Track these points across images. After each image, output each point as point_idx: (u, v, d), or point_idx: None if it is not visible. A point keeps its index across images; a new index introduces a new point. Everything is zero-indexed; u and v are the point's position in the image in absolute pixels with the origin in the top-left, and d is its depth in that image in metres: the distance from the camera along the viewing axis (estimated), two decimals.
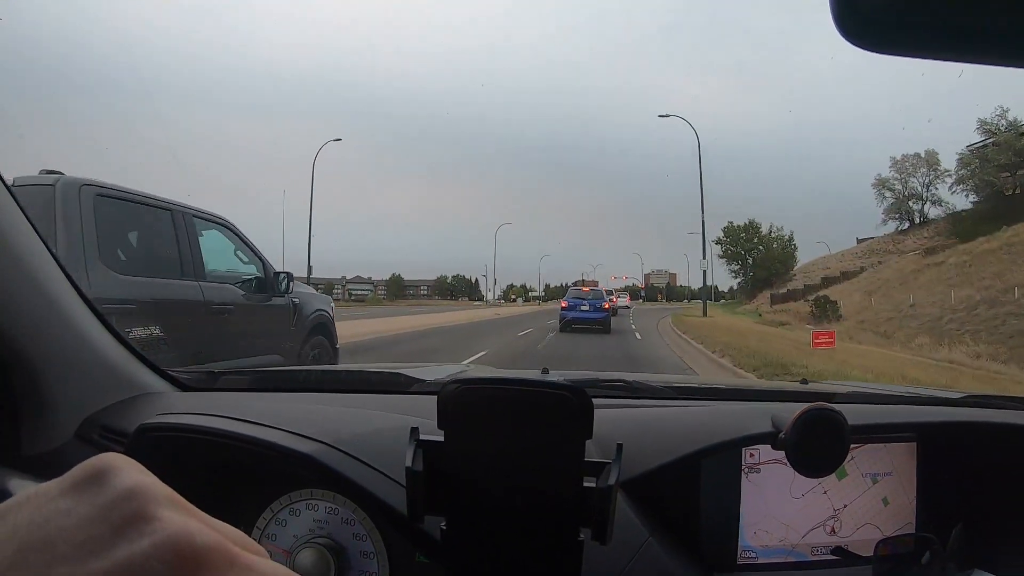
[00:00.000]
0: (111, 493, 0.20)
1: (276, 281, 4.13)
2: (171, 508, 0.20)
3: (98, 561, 0.18)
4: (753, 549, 0.81)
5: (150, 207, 3.37)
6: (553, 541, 0.54)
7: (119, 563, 0.18)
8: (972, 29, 0.34)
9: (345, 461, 0.72)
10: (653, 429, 0.83)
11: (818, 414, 0.66)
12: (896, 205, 38.15)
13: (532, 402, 0.52)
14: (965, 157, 31.69)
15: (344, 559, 0.76)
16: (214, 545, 0.20)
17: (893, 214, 38.38)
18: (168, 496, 0.21)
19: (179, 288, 3.36)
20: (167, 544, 0.19)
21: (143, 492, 0.20)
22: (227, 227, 3.99)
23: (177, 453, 0.77)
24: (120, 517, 0.19)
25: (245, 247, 4.07)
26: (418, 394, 1.02)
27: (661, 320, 21.68)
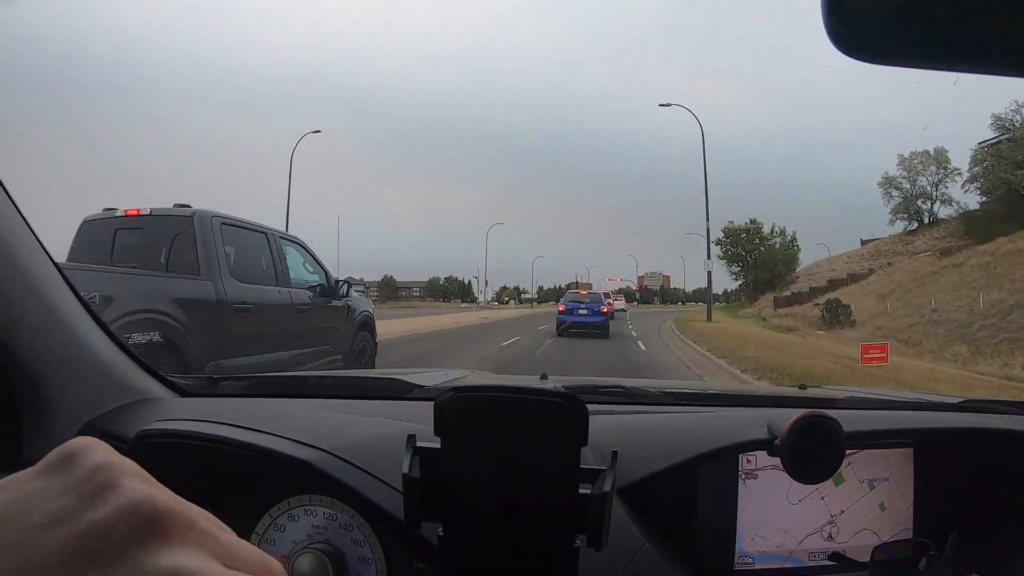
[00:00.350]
0: (81, 470, 0.21)
1: (336, 287, 5.17)
2: (137, 479, 0.22)
3: (67, 527, 0.20)
4: (750, 555, 0.82)
5: (251, 231, 4.38)
6: (549, 548, 0.55)
7: (86, 527, 0.20)
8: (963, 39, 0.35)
9: (343, 468, 0.73)
10: (650, 435, 0.84)
11: (813, 421, 0.67)
12: (904, 204, 36.54)
13: (527, 409, 0.53)
14: (979, 154, 30.04)
15: (342, 565, 0.76)
16: (176, 509, 0.21)
17: (901, 214, 36.84)
18: (135, 470, 0.22)
19: (274, 293, 4.33)
20: (130, 508, 0.20)
21: (111, 466, 0.22)
22: (300, 244, 5.02)
23: (176, 459, 0.78)
24: (89, 489, 0.21)
25: (312, 260, 5.08)
26: (417, 400, 1.03)
27: (662, 324, 20.90)
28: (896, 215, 37.48)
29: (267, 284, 4.34)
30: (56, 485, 0.21)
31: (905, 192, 36.99)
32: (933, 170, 36.46)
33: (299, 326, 4.55)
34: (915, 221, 37.27)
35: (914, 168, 36.90)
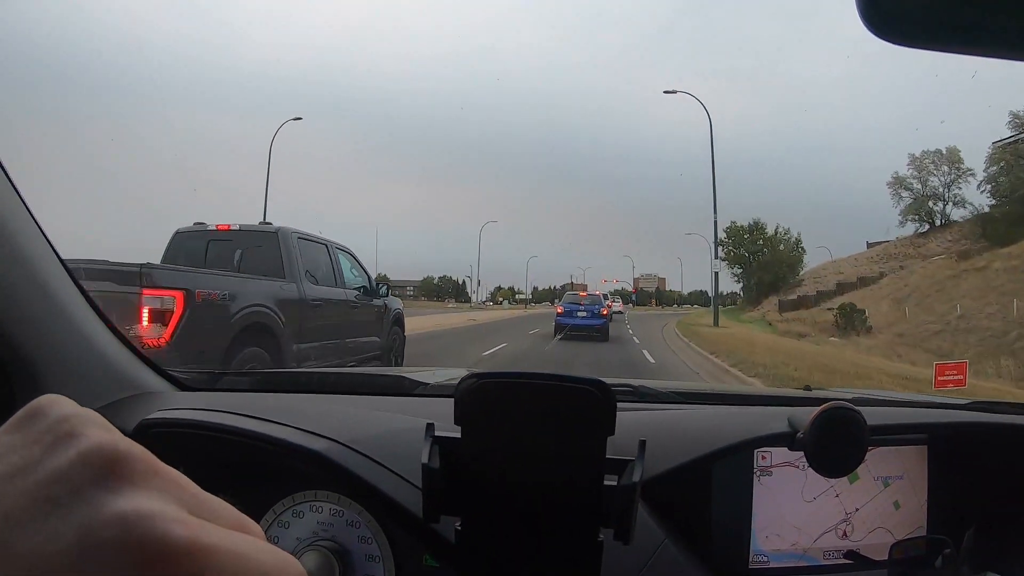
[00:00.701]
0: (46, 421, 0.22)
1: (377, 288, 6.17)
2: (100, 428, 0.22)
3: (29, 476, 0.20)
4: (765, 553, 0.82)
5: (316, 242, 5.33)
6: (572, 541, 0.53)
7: (47, 475, 0.20)
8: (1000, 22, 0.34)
9: (357, 460, 0.71)
10: (665, 432, 0.83)
11: (837, 414, 0.67)
12: (915, 205, 35.08)
13: (554, 397, 0.51)
14: (996, 153, 28.46)
15: (349, 562, 0.75)
16: (139, 455, 0.21)
17: (912, 215, 35.22)
18: (100, 420, 0.22)
19: (335, 292, 5.32)
20: (91, 452, 0.20)
21: (75, 416, 0.22)
22: (349, 252, 5.95)
23: (176, 451, 0.75)
24: (52, 439, 0.21)
25: (358, 265, 6.06)
26: (423, 396, 1.03)
27: (665, 328, 19.98)
28: (906, 216, 36.04)
29: (329, 285, 5.29)
30: (20, 438, 0.21)
31: (916, 193, 35.57)
32: (945, 170, 35.00)
33: (351, 319, 5.54)
34: (926, 223, 35.68)
35: (925, 168, 35.51)
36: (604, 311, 15.01)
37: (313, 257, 5.23)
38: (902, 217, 36.22)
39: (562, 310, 15.18)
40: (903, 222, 36.27)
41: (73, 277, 0.86)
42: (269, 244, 4.80)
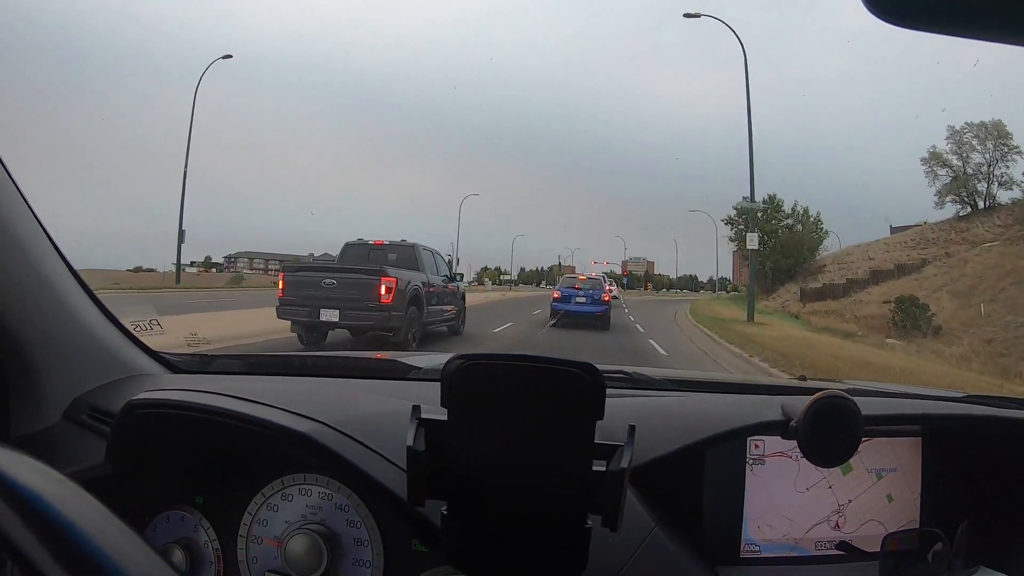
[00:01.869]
0: None
1: (453, 276, 10.04)
2: None
3: None
4: (756, 543, 0.83)
5: (426, 249, 9.07)
6: (560, 527, 0.53)
7: None
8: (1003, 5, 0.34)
9: (343, 442, 0.72)
10: (658, 418, 0.84)
11: (832, 402, 0.67)
12: (954, 185, 30.08)
13: (542, 379, 0.51)
14: None
15: (337, 546, 0.76)
16: None
17: (951, 196, 30.26)
18: None
19: (438, 278, 8.99)
20: None
21: None
22: (436, 252, 9.54)
23: (165, 433, 0.78)
24: None
25: (443, 262, 9.78)
26: (416, 380, 1.05)
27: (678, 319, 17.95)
28: (944, 197, 30.95)
29: (435, 274, 8.95)
30: None
31: (956, 170, 30.51)
32: (990, 146, 29.87)
33: (445, 294, 9.23)
34: (967, 205, 30.81)
35: (966, 143, 30.54)
36: (605, 296, 14.14)
37: (428, 258, 9.03)
38: (939, 198, 31.32)
39: (559, 294, 14.36)
40: (940, 203, 31.39)
41: (65, 260, 0.87)
42: (408, 252, 8.75)
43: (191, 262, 78.79)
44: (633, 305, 27.58)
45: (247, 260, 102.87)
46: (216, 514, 0.81)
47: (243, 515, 0.79)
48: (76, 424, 0.85)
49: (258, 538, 0.79)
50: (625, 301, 30.23)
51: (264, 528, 0.79)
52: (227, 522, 0.81)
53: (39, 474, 0.37)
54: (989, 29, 0.34)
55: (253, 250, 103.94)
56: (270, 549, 0.78)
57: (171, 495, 0.82)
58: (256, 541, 0.79)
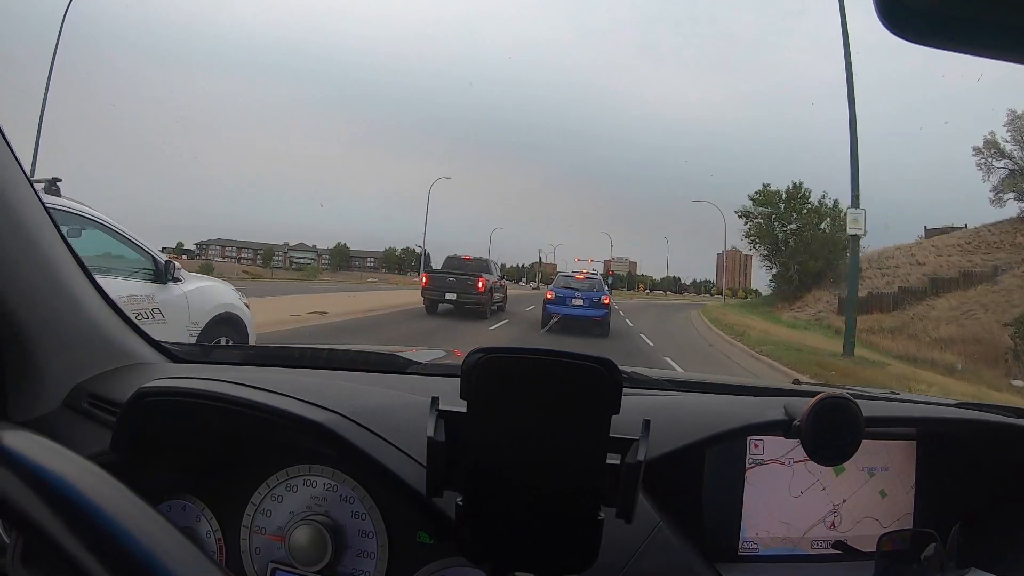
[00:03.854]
0: None
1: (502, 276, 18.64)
2: None
3: None
4: (754, 542, 0.86)
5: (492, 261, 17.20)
6: (573, 519, 0.54)
7: None
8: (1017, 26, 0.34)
9: (359, 432, 0.73)
10: (660, 415, 0.83)
11: (835, 402, 0.70)
12: (1017, 179, 24.53)
13: (561, 373, 0.52)
14: None
15: (341, 537, 0.77)
16: None
17: (1012, 190, 24.71)
18: None
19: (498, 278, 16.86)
20: None
21: None
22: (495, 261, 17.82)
23: (172, 421, 0.79)
24: None
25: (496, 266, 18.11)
26: (414, 375, 1.06)
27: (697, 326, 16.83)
28: (1003, 192, 25.37)
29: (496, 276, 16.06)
30: None
31: (1018, 161, 24.99)
32: None
33: (499, 288, 15.92)
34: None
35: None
36: (606, 299, 12.74)
37: (492, 266, 16.09)
38: (995, 193, 25.83)
39: (552, 295, 12.96)
40: (998, 199, 25.88)
41: (70, 247, 0.88)
42: (483, 262, 15.31)
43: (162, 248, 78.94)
44: (631, 311, 21.67)
45: (219, 247, 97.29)
46: (219, 504, 0.82)
47: (246, 505, 0.80)
48: (76, 411, 0.85)
49: (261, 529, 0.80)
50: (619, 304, 24.49)
51: (268, 519, 0.80)
52: (230, 513, 0.81)
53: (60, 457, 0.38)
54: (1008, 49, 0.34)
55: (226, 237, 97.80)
56: (274, 540, 0.79)
57: (173, 485, 0.83)
58: (259, 532, 0.80)
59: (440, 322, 12.76)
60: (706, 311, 25.45)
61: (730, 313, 24.09)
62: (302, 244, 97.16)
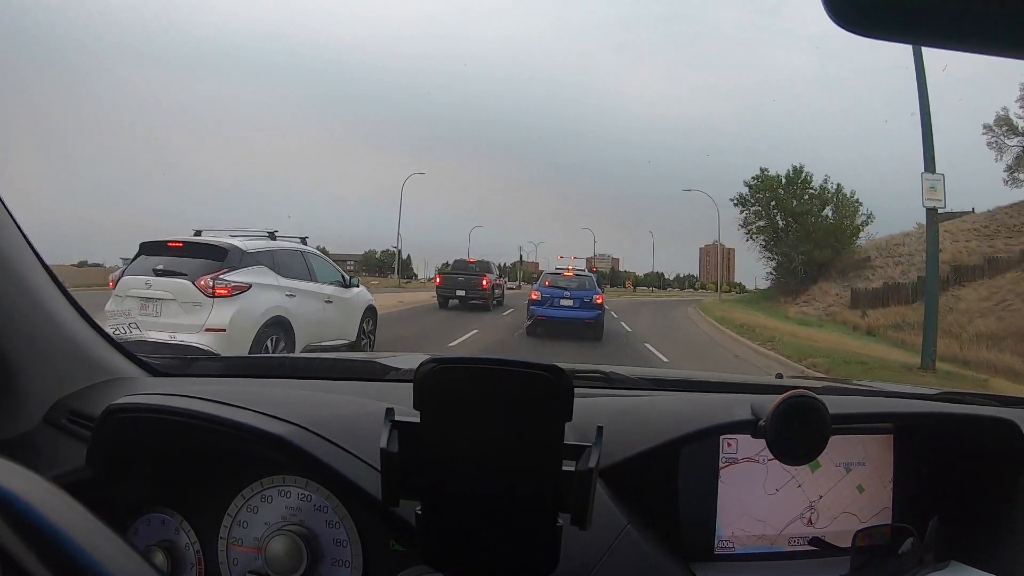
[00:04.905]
0: None
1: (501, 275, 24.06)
2: None
3: None
4: (730, 540, 0.86)
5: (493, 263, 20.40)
6: (531, 526, 0.55)
7: None
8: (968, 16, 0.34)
9: (319, 444, 0.74)
10: (632, 417, 0.87)
11: (798, 402, 0.69)
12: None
13: (511, 382, 0.53)
14: None
15: (317, 547, 0.78)
16: None
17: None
18: None
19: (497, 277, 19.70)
20: None
21: None
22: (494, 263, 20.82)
23: (145, 437, 0.81)
24: None
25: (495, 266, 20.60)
26: (393, 381, 1.07)
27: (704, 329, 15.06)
28: (1017, 171, 23.33)
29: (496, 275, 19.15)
30: None
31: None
32: None
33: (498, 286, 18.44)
34: None
35: None
36: (598, 299, 11.14)
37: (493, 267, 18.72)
38: (1010, 173, 23.73)
39: (537, 295, 11.24)
40: (1012, 179, 23.82)
41: (44, 264, 0.89)
42: (486, 264, 17.84)
43: None
44: (623, 310, 19.06)
45: None
46: (196, 516, 0.83)
47: (223, 517, 0.81)
48: (56, 428, 0.86)
49: (238, 539, 0.81)
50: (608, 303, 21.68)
51: (244, 530, 0.81)
52: (207, 524, 0.83)
53: (21, 478, 0.39)
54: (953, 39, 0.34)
55: None
56: (250, 551, 0.80)
57: (152, 498, 0.84)
58: (236, 542, 0.81)
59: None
60: (705, 308, 23.49)
61: (732, 310, 21.96)
62: None
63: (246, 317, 4.86)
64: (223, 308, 4.71)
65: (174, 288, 4.74)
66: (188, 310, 4.69)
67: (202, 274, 4.76)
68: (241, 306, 4.83)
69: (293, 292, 5.55)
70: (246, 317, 4.86)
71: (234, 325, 4.76)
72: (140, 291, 4.78)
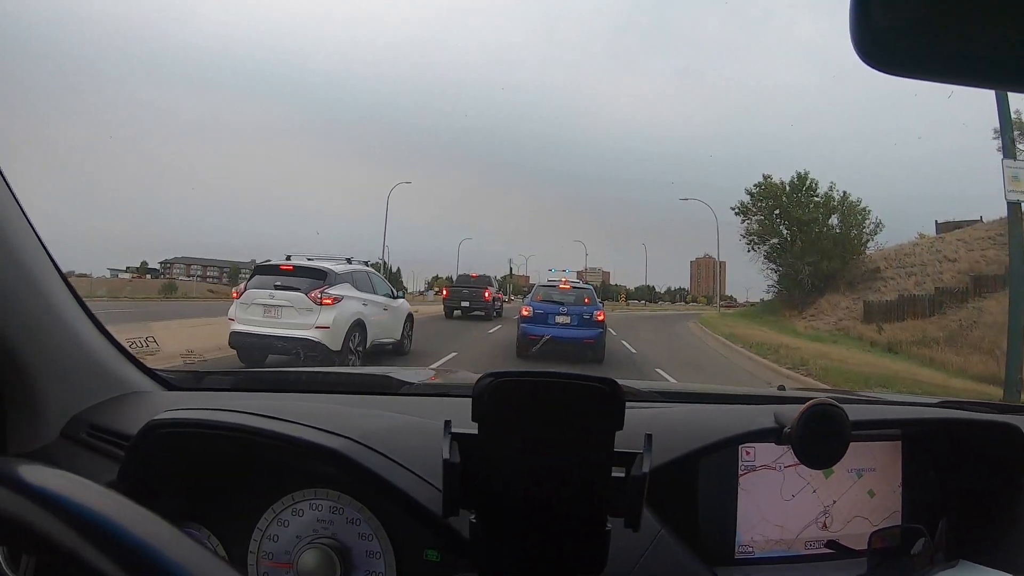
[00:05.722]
0: None
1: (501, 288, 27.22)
2: None
3: None
4: (749, 545, 0.89)
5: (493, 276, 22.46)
6: (581, 531, 0.58)
7: None
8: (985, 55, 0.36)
9: (372, 457, 0.75)
10: (656, 428, 0.86)
11: (823, 410, 0.72)
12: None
13: (567, 394, 0.56)
14: None
15: (349, 559, 0.78)
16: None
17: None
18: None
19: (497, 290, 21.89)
20: None
21: None
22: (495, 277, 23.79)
23: (180, 451, 0.81)
24: None
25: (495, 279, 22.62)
26: (410, 396, 1.08)
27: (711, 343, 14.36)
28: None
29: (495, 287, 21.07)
30: None
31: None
32: None
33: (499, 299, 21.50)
34: None
35: None
36: (599, 315, 9.63)
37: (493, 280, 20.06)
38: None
39: (529, 311, 9.58)
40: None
41: (64, 278, 0.89)
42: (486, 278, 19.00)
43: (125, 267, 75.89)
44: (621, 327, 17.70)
45: (183, 266, 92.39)
46: (225, 532, 0.84)
47: (252, 531, 0.82)
48: (74, 442, 0.87)
49: (269, 554, 0.82)
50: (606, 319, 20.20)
51: (275, 544, 0.81)
52: (237, 539, 0.83)
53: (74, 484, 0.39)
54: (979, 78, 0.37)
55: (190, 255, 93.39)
56: (281, 566, 0.81)
57: (181, 512, 0.85)
58: (267, 557, 0.82)
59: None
60: (708, 323, 22.18)
61: (736, 325, 20.57)
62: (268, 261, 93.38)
63: (341, 319, 6.80)
64: (327, 313, 6.65)
65: (291, 298, 6.65)
66: (302, 314, 6.57)
67: (311, 289, 6.70)
68: (338, 311, 6.77)
69: (366, 302, 7.48)
70: (341, 319, 6.80)
71: (335, 324, 6.67)
72: (264, 300, 6.70)
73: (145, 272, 75.78)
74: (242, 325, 6.61)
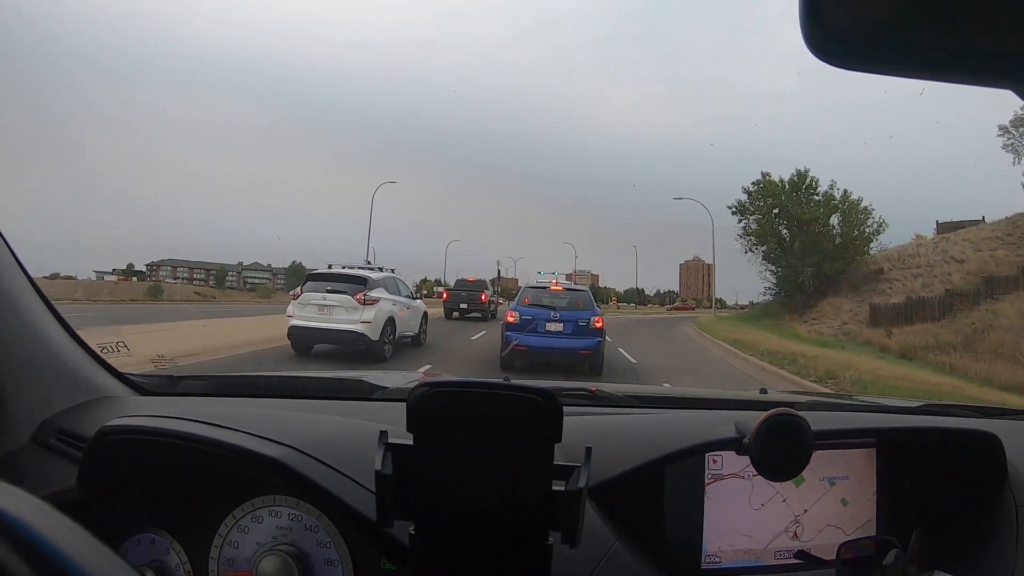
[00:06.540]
0: None
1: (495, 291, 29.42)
2: None
3: None
4: (716, 555, 0.88)
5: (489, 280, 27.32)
6: (522, 545, 0.57)
7: None
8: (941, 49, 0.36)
9: (312, 465, 0.75)
10: (618, 435, 0.88)
11: (781, 419, 0.71)
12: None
13: (502, 405, 0.55)
14: None
15: (308, 566, 0.79)
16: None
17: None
18: None
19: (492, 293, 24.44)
20: None
21: None
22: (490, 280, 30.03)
23: (136, 458, 0.81)
24: None
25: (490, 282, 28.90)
26: (382, 400, 1.08)
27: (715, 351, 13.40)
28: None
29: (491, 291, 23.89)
30: None
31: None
32: None
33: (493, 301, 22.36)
34: None
35: None
36: (598, 321, 8.21)
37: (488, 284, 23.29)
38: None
39: (515, 318, 8.16)
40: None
41: (34, 283, 0.89)
42: (482, 282, 21.13)
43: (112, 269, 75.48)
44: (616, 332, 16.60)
45: (170, 268, 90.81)
46: (187, 537, 0.84)
47: (214, 537, 0.82)
48: (44, 447, 0.87)
49: (229, 560, 0.82)
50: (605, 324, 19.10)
51: (235, 550, 0.82)
52: (198, 544, 0.83)
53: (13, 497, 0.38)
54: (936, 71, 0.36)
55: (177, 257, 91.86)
56: (241, 574, 0.81)
57: (141, 518, 0.85)
58: (227, 563, 0.82)
59: None
60: (707, 328, 21.03)
61: (736, 329, 19.52)
62: (256, 263, 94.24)
63: (379, 316, 8.35)
64: (369, 310, 8.21)
65: (341, 300, 8.26)
66: (349, 312, 8.15)
67: (355, 292, 8.32)
68: (377, 310, 8.33)
69: (395, 303, 9.11)
70: (379, 316, 8.35)
71: (375, 320, 8.24)
72: (318, 301, 8.28)
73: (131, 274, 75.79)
74: (300, 320, 8.28)
